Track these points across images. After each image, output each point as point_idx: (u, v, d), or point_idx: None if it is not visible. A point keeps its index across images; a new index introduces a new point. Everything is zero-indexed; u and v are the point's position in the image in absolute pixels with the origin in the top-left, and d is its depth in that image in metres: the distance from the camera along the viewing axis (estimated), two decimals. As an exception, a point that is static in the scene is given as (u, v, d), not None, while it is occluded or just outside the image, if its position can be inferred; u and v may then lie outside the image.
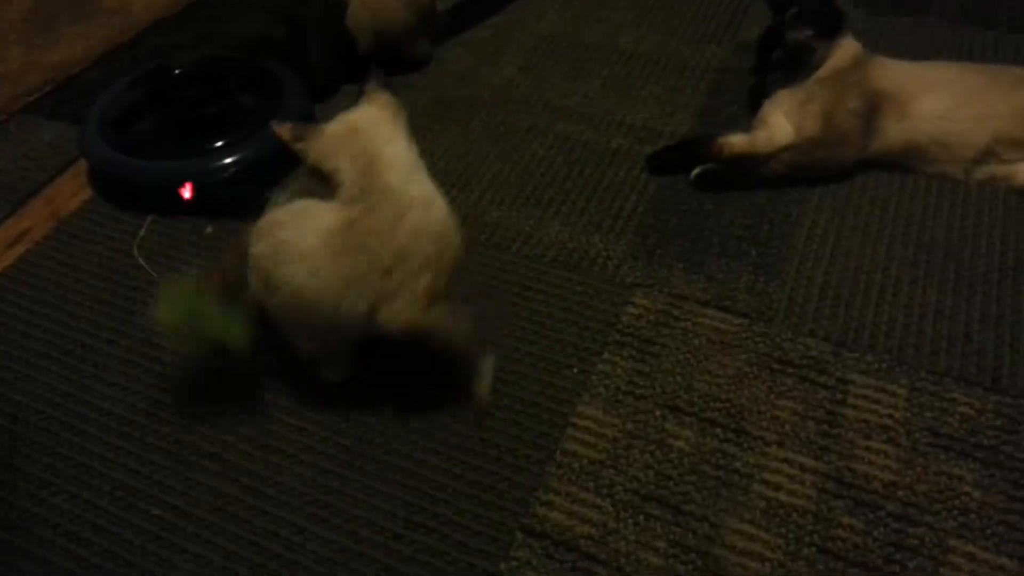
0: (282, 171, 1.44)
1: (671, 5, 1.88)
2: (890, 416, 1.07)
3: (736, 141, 1.37)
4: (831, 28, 1.35)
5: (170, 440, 1.07)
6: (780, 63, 1.37)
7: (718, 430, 1.06)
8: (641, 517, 0.97)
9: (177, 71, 1.54)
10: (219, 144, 1.41)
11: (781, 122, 1.36)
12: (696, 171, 1.40)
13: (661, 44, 1.77)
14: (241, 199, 1.37)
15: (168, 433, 1.08)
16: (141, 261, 1.31)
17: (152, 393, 1.12)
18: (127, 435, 1.08)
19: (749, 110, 1.50)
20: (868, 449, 1.03)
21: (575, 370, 1.14)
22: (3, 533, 0.99)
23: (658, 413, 1.08)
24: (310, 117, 1.54)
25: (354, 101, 1.07)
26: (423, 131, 1.55)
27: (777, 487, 1.00)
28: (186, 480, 1.03)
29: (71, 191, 1.47)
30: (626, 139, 1.53)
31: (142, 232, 1.35)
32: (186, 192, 1.37)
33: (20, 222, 1.42)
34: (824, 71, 1.34)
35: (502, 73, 1.71)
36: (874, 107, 1.34)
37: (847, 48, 1.35)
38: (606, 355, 1.15)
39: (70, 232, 1.38)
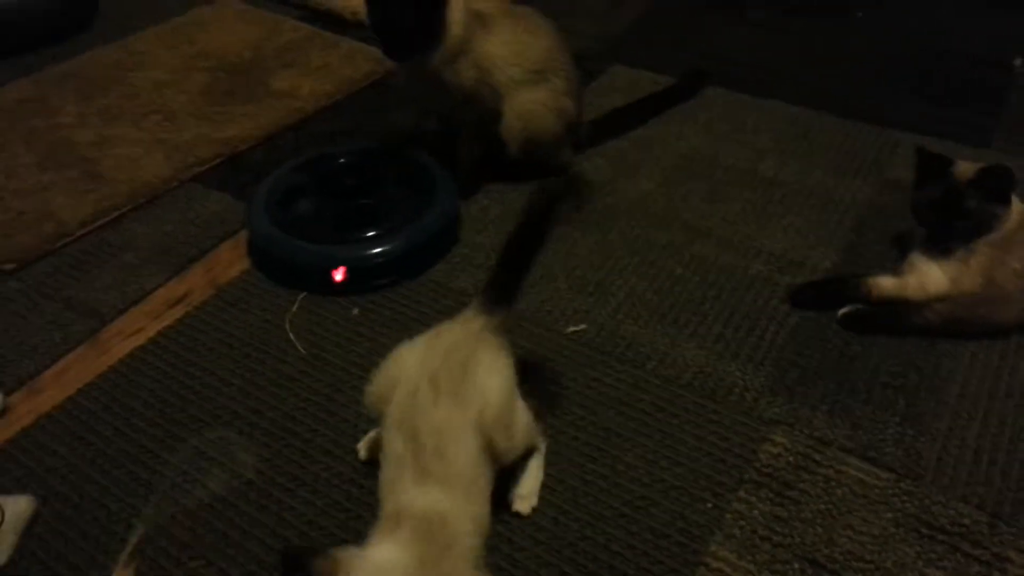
0: (423, 264, 1.52)
1: (815, 136, 1.89)
2: (1053, 605, 0.99)
3: (885, 284, 1.34)
4: (1007, 193, 1.30)
5: (303, 519, 1.09)
6: (962, 231, 1.31)
7: (861, 593, 1.01)
8: None
9: (341, 159, 1.65)
10: (371, 234, 1.49)
11: (933, 269, 1.32)
12: (845, 310, 1.37)
13: (804, 173, 1.77)
14: (384, 286, 1.46)
15: (302, 512, 1.10)
16: (292, 336, 1.37)
17: (292, 469, 1.16)
18: (264, 507, 1.11)
19: (898, 253, 1.47)
20: (1030, 640, 0.96)
21: (709, 505, 1.11)
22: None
23: (796, 565, 1.03)
24: (455, 215, 1.61)
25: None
26: (562, 237, 1.60)
27: (926, 668, 0.93)
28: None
29: (229, 261, 1.57)
30: (765, 266, 1.52)
31: (294, 308, 1.42)
32: (338, 275, 1.44)
33: (180, 285, 1.51)
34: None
35: (639, 186, 1.74)
36: (1038, 268, 1.29)
37: (1013, 207, 1.32)
38: (742, 493, 1.12)
39: (227, 300, 1.46)
